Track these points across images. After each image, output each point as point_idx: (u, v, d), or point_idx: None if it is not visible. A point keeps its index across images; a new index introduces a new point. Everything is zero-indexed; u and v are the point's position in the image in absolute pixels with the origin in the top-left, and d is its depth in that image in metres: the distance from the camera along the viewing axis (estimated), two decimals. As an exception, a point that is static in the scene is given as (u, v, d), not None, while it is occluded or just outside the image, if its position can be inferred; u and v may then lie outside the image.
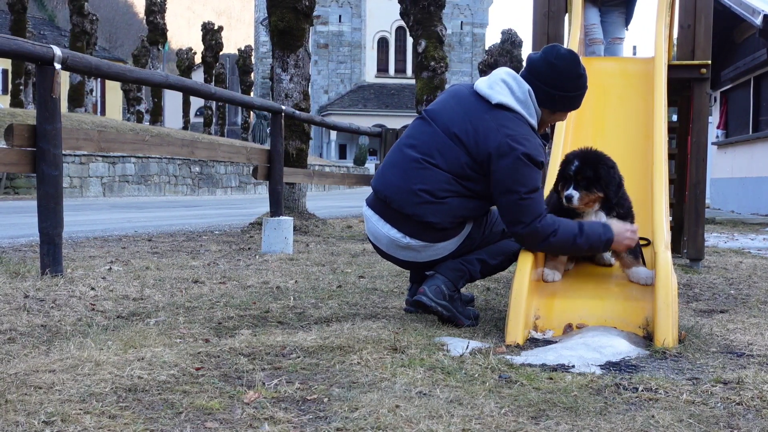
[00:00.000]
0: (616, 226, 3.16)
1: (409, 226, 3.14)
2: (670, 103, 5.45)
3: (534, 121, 3.16)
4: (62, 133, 4.20)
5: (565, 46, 5.13)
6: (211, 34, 46.24)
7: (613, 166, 3.26)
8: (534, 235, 3.04)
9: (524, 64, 3.29)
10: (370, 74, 55.79)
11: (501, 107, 3.10)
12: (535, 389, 2.24)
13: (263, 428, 1.86)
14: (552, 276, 3.34)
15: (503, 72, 3.21)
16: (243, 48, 50.90)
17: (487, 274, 3.34)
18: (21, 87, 32.18)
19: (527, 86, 3.15)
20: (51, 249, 4.16)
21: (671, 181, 5.73)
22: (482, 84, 3.19)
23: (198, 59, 50.00)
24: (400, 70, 55.55)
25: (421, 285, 3.20)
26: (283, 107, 7.18)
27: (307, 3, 9.51)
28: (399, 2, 12.39)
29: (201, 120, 47.72)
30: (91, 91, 30.81)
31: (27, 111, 22.30)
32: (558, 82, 3.15)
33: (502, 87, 3.14)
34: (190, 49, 48.77)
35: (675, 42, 5.35)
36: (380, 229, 3.22)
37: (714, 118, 16.25)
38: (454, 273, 3.19)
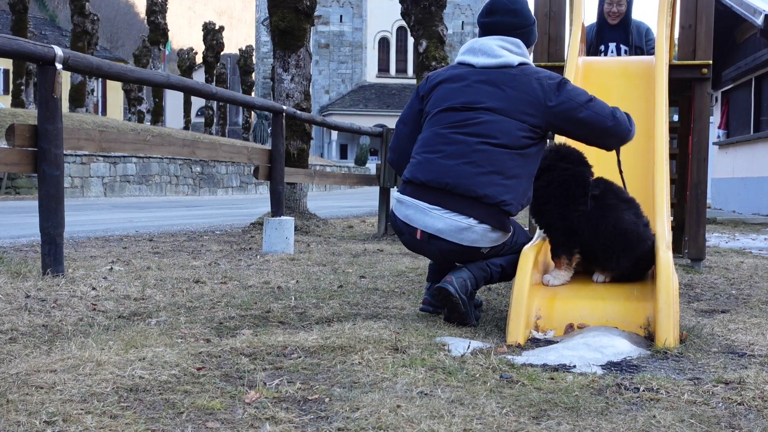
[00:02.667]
0: None
1: (475, 208, 3.17)
2: (671, 103, 5.44)
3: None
4: (63, 133, 4.20)
5: (566, 47, 5.17)
6: (212, 34, 46.27)
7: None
8: (623, 115, 3.38)
9: (478, 31, 3.56)
10: (371, 74, 55.76)
11: (521, 65, 3.35)
12: (536, 389, 2.24)
13: (264, 428, 1.86)
14: (554, 280, 3.37)
15: (490, 40, 3.40)
16: (244, 48, 50.92)
17: (500, 280, 3.40)
18: (22, 87, 32.21)
19: (516, 39, 3.40)
20: (52, 249, 4.16)
21: (672, 181, 5.72)
22: (484, 59, 3.36)
23: (199, 59, 50.05)
24: (402, 70, 55.52)
25: (441, 280, 3.21)
26: (285, 107, 7.17)
27: (308, 3, 9.51)
28: (400, 2, 12.38)
29: (202, 120, 47.77)
30: (92, 91, 30.81)
31: (28, 111, 22.31)
32: (529, 16, 3.49)
33: (506, 51, 3.37)
34: (191, 49, 48.81)
35: (676, 42, 5.34)
36: (433, 213, 3.21)
37: (715, 118, 16.24)
38: (480, 272, 3.24)
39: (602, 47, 5.77)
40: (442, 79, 3.40)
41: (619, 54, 5.76)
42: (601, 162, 3.65)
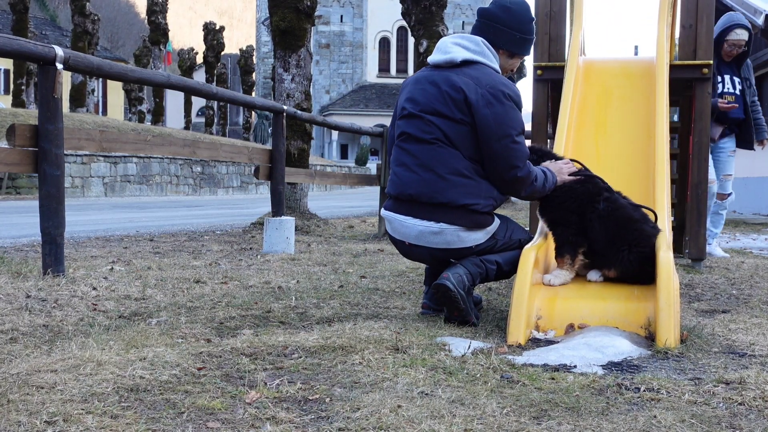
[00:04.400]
0: (554, 166, 3.38)
1: (443, 213, 3.19)
2: (672, 103, 5.44)
3: (497, 66, 3.34)
4: (64, 133, 4.20)
5: (566, 47, 5.17)
6: (212, 34, 46.29)
7: None
8: (526, 179, 3.22)
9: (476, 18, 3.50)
10: (371, 74, 55.77)
11: (466, 64, 3.26)
12: (537, 389, 2.24)
13: (265, 428, 1.86)
14: (555, 279, 3.39)
15: (450, 38, 3.40)
16: (245, 48, 50.95)
17: (497, 278, 3.41)
18: (23, 87, 32.25)
19: (478, 38, 3.33)
20: (53, 249, 4.16)
21: (673, 181, 5.72)
22: (436, 56, 3.35)
23: (199, 59, 50.08)
24: (402, 70, 55.51)
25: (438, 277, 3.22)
26: (285, 107, 7.17)
27: (308, 3, 9.51)
28: (401, 2, 12.39)
29: (203, 120, 47.79)
30: (93, 91, 30.83)
31: (29, 111, 22.31)
32: (518, 24, 3.36)
33: (457, 48, 3.31)
34: (192, 49, 48.83)
35: (677, 42, 5.34)
36: (406, 223, 3.27)
37: (716, 118, 16.20)
38: (475, 268, 3.24)
39: (719, 78, 6.32)
40: (406, 84, 3.45)
41: (733, 85, 6.35)
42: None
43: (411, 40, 42.15)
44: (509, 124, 3.17)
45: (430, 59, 3.39)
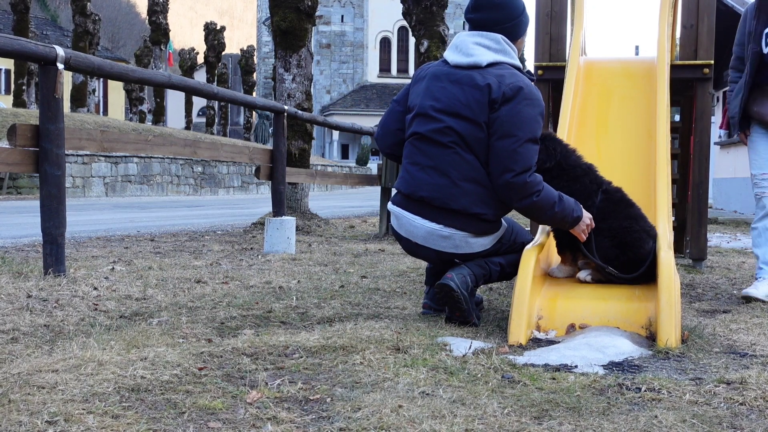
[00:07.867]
0: (584, 210, 3.26)
1: (453, 218, 3.17)
2: (673, 103, 5.44)
3: (518, 62, 3.28)
4: (65, 133, 4.20)
5: (567, 47, 5.17)
6: (213, 34, 46.30)
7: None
8: (520, 188, 3.08)
9: (468, 26, 3.38)
10: (372, 74, 55.76)
11: (491, 66, 3.19)
12: (538, 389, 2.24)
13: (266, 428, 1.86)
14: (558, 272, 3.42)
15: (469, 37, 3.27)
16: (245, 48, 50.96)
17: (500, 279, 3.40)
18: (24, 87, 32.26)
19: (497, 35, 3.24)
20: (54, 249, 4.16)
21: (674, 181, 5.72)
22: (457, 57, 3.24)
23: (200, 59, 50.11)
24: (403, 70, 55.49)
25: (442, 277, 3.21)
26: (286, 107, 7.17)
27: (309, 3, 9.52)
28: (401, 2, 12.38)
29: (203, 120, 47.81)
30: (94, 91, 30.83)
31: (30, 111, 22.32)
32: (515, 8, 3.29)
33: (480, 49, 3.22)
34: (193, 49, 48.87)
35: (678, 42, 5.34)
36: (415, 223, 3.24)
37: (717, 118, 16.21)
38: (479, 269, 3.24)
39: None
40: (426, 75, 3.33)
41: None
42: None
43: (412, 40, 42.15)
44: (518, 125, 3.08)
45: (450, 58, 3.26)
